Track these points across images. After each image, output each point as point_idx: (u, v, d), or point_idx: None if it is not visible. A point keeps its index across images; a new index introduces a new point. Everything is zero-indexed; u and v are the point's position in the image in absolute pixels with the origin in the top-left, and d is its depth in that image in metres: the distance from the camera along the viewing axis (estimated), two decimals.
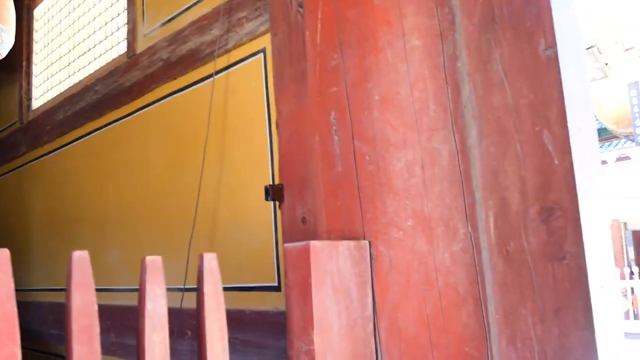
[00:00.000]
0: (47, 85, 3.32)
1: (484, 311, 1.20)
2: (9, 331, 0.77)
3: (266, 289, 1.72)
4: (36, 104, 3.37)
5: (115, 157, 2.56)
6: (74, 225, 2.83)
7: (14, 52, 2.75)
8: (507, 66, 1.22)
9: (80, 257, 0.84)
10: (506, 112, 1.21)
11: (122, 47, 2.62)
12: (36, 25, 3.52)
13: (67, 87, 3.03)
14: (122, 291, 2.35)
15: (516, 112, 1.20)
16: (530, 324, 1.14)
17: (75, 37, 3.10)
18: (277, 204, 1.63)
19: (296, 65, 1.52)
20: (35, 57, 3.47)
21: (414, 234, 1.24)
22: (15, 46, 2.63)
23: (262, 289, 1.73)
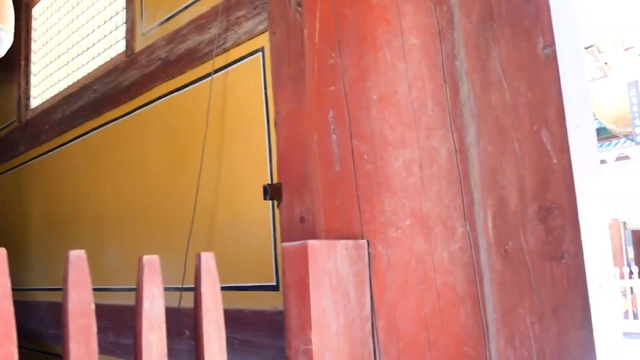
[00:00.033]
0: (46, 84, 3.31)
1: (482, 310, 1.20)
2: (5, 330, 0.77)
3: (264, 288, 1.71)
4: (34, 103, 3.36)
5: (113, 156, 2.55)
6: (72, 224, 2.83)
7: (12, 51, 2.74)
8: (505, 65, 1.22)
9: (77, 256, 0.84)
10: (504, 111, 1.21)
11: (121, 46, 2.62)
12: (35, 24, 3.51)
13: (66, 86, 3.03)
14: (120, 290, 2.35)
15: (514, 111, 1.20)
16: (528, 323, 1.14)
17: (73, 36, 3.10)
18: (275, 203, 1.63)
19: (294, 64, 1.51)
20: (33, 56, 3.46)
21: (412, 233, 1.24)
22: (13, 45, 2.63)
23: (260, 289, 1.73)
